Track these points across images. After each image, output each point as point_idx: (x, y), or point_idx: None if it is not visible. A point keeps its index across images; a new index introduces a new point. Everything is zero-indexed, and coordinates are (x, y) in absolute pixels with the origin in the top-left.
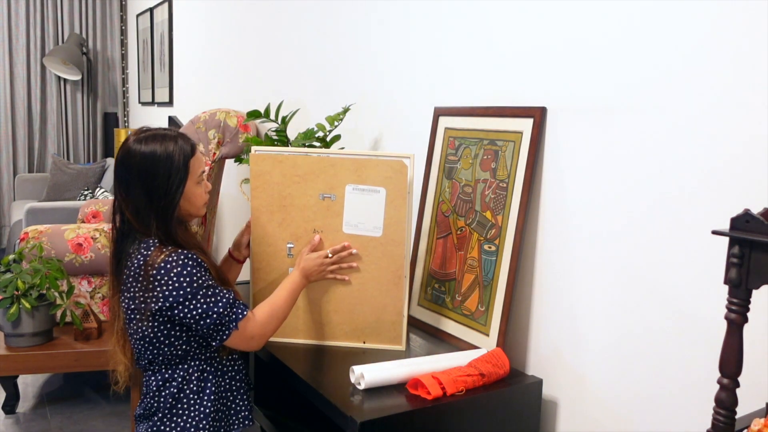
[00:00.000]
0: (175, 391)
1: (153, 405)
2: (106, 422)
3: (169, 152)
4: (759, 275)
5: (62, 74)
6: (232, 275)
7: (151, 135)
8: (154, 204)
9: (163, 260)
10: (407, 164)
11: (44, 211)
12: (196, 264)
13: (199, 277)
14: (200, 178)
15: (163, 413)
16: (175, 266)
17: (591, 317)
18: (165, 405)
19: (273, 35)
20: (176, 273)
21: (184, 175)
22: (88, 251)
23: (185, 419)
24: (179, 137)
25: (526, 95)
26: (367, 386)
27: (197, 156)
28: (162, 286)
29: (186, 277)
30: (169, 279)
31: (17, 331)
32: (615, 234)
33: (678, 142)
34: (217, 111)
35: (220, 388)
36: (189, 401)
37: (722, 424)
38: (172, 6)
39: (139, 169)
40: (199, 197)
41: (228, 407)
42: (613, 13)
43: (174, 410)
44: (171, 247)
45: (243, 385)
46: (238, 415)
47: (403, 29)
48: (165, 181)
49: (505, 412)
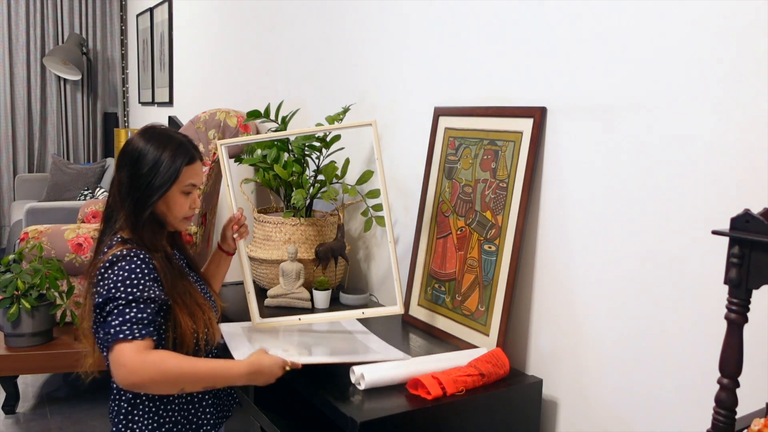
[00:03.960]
0: (131, 396)
1: (114, 409)
2: (106, 422)
3: (168, 150)
4: (759, 275)
5: (62, 74)
6: (222, 269)
7: (157, 133)
8: (133, 191)
9: (114, 254)
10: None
11: (44, 211)
12: (143, 265)
13: (136, 281)
14: (188, 188)
15: (119, 419)
16: (119, 261)
17: (591, 317)
18: (121, 410)
19: (273, 35)
20: (119, 268)
21: (173, 176)
22: (88, 251)
23: (140, 426)
24: (187, 143)
25: (526, 95)
26: (368, 387)
27: (195, 166)
28: (103, 281)
29: (124, 274)
30: (111, 274)
31: (17, 331)
32: (615, 234)
33: (678, 141)
34: (217, 111)
35: (181, 398)
36: (145, 408)
37: (722, 424)
38: (172, 6)
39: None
40: (180, 207)
41: (189, 420)
42: (613, 13)
43: (129, 416)
44: (130, 245)
45: (208, 397)
46: (200, 429)
47: (403, 29)
48: (152, 174)
49: (505, 412)
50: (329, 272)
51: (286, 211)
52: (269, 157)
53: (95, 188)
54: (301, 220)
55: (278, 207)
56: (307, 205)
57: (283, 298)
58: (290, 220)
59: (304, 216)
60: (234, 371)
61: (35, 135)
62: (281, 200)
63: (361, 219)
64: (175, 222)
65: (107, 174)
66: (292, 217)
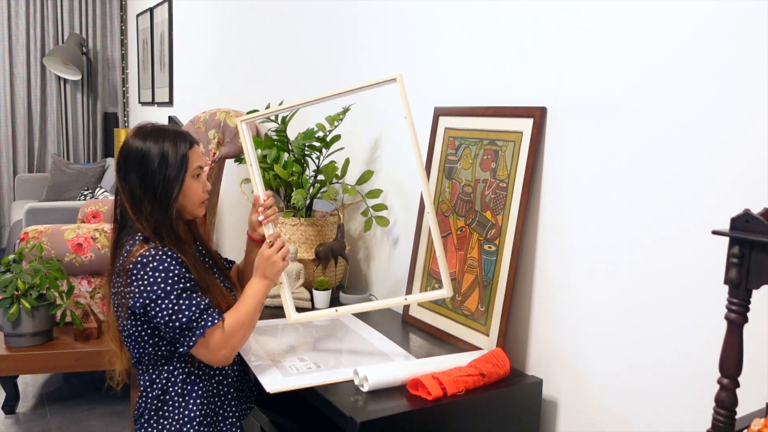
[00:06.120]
0: (160, 393)
1: (141, 406)
2: (106, 422)
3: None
4: (759, 275)
5: (62, 74)
6: (252, 255)
7: (150, 129)
8: (151, 189)
9: (141, 254)
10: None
11: (44, 211)
12: (174, 262)
13: (175, 276)
14: (197, 171)
15: (150, 415)
16: (151, 261)
17: (591, 317)
18: (150, 407)
19: (273, 35)
20: (152, 268)
21: (183, 163)
22: (88, 251)
23: (171, 422)
24: (177, 132)
25: (526, 95)
26: (371, 388)
27: (196, 149)
28: (137, 281)
29: (161, 273)
30: (145, 275)
31: (17, 331)
32: (615, 234)
33: (678, 142)
34: (217, 111)
35: (207, 392)
36: (174, 404)
37: (722, 424)
38: (172, 6)
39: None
40: (195, 192)
41: (216, 413)
42: (613, 13)
43: (159, 412)
44: (153, 243)
45: (232, 390)
46: (226, 422)
47: (403, 29)
48: (163, 167)
49: (505, 412)
50: (329, 272)
51: (286, 211)
52: (269, 157)
53: (95, 188)
54: (301, 220)
55: (278, 207)
56: (307, 205)
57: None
58: (290, 220)
59: (304, 216)
60: (257, 288)
61: (35, 135)
62: (281, 200)
63: (361, 219)
64: (193, 208)
65: (107, 174)
66: (292, 217)
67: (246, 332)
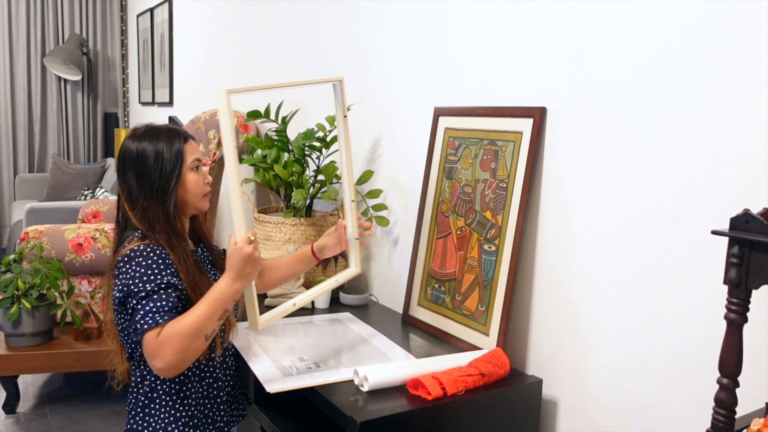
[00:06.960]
0: (149, 390)
1: (131, 401)
2: (106, 422)
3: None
4: (759, 275)
5: (62, 74)
6: (300, 267)
7: (144, 130)
8: (147, 185)
9: (131, 249)
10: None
11: (44, 211)
12: (159, 260)
13: (152, 274)
14: (195, 164)
15: (136, 412)
16: (137, 257)
17: (591, 317)
18: (138, 404)
19: (273, 35)
20: (136, 263)
21: (178, 157)
22: (88, 251)
23: (157, 419)
24: (171, 129)
25: (526, 95)
26: (371, 388)
27: (192, 144)
28: (121, 275)
29: (142, 269)
30: (129, 269)
31: (17, 331)
32: (615, 234)
33: (678, 141)
34: (217, 111)
35: (197, 393)
36: (162, 402)
37: (722, 424)
38: (172, 6)
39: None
40: (195, 184)
41: (205, 415)
42: (613, 13)
43: (146, 410)
44: (147, 241)
45: (223, 394)
46: (215, 425)
47: (402, 29)
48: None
49: (505, 412)
50: (329, 272)
51: (286, 211)
52: (269, 157)
53: (95, 188)
54: (301, 220)
55: (278, 207)
56: (307, 205)
57: (283, 299)
58: (290, 220)
59: (304, 216)
60: (224, 285)
61: (35, 135)
62: (281, 200)
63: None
64: (196, 201)
65: (107, 174)
66: (292, 217)
67: (187, 345)
